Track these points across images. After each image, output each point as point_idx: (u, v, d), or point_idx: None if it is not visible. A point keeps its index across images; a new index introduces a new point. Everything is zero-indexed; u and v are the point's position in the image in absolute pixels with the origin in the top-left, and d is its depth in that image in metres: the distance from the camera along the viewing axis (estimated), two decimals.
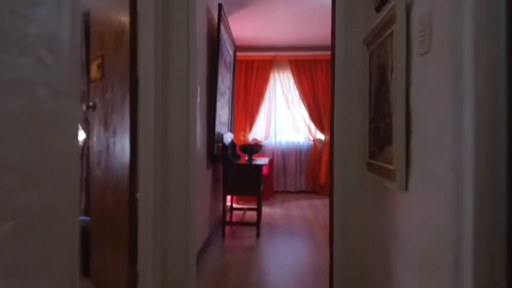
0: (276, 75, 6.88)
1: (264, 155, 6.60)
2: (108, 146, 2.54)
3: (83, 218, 2.98)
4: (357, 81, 2.59)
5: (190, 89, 2.50)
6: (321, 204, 5.87)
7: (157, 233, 2.35)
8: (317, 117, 6.70)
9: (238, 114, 6.77)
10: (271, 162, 6.17)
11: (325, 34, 6.73)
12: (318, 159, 6.75)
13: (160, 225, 2.38)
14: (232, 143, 4.68)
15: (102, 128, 2.62)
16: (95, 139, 2.81)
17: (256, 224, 4.04)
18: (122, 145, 2.33)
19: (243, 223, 4.45)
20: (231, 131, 5.00)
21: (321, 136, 6.79)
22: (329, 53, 6.28)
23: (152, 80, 2.32)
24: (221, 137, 4.09)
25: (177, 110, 2.45)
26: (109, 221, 2.55)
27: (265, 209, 5.40)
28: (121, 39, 2.38)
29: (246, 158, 4.39)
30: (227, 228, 4.14)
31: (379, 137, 1.86)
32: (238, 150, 4.52)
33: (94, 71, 2.84)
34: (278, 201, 6.04)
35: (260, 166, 4.05)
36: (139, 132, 2.27)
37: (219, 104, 4.14)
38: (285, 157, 6.84)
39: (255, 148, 4.39)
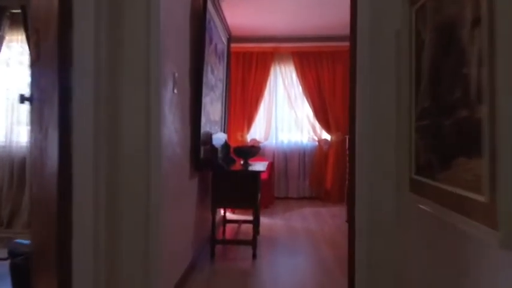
0: (277, 69, 6.14)
1: (263, 158, 5.86)
2: (41, 151, 1.81)
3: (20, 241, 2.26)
4: (389, 57, 1.83)
5: (152, 76, 1.77)
6: (327, 213, 5.13)
7: (100, 273, 1.62)
8: (322, 115, 5.96)
9: (235, 112, 6.03)
10: (271, 165, 5.44)
11: (331, 22, 6.03)
12: (323, 161, 6.01)
13: (106, 262, 1.66)
14: (226, 144, 3.95)
15: (37, 127, 1.89)
16: (32, 141, 2.08)
17: (252, 243, 3.30)
18: (52, 149, 1.60)
19: (236, 241, 3.71)
20: (224, 131, 4.28)
21: (326, 136, 6.05)
22: (336, 44, 5.52)
23: (91, 63, 1.59)
24: (209, 137, 3.36)
25: (134, 105, 1.72)
26: (42, 251, 1.83)
27: (264, 220, 4.67)
28: (50, 9, 1.65)
29: (242, 163, 3.67)
30: (218, 247, 3.40)
31: (441, 140, 1.13)
32: (233, 154, 3.79)
33: (32, 51, 2.12)
34: (279, 210, 5.31)
35: (257, 173, 3.32)
36: (73, 132, 1.55)
37: (207, 99, 3.41)
38: (287, 159, 6.10)
39: (252, 151, 3.66)
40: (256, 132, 6.09)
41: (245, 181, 3.27)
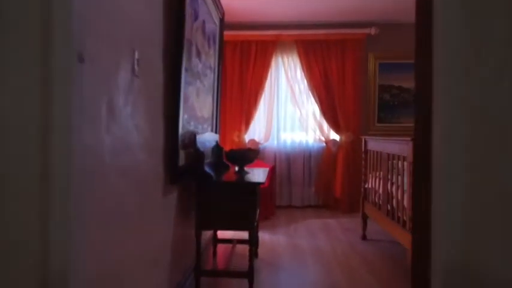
0: (279, 60, 5.35)
1: (263, 162, 5.08)
2: None
3: None
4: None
5: (56, 44, 0.98)
6: (337, 227, 4.34)
7: None
8: (331, 112, 5.17)
9: (231, 109, 5.25)
10: (272, 170, 4.66)
11: (342, 7, 5.22)
12: (331, 165, 5.23)
13: None
14: (217, 147, 3.17)
15: None
16: None
17: (249, 275, 2.51)
18: None
19: (228, 273, 2.91)
20: (216, 131, 3.49)
21: (335, 136, 5.26)
22: (346, 31, 4.78)
23: None
24: (193, 138, 2.57)
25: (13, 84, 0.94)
26: None
27: (264, 236, 3.89)
28: None
29: (236, 170, 2.89)
30: (203, 279, 2.62)
31: None
32: (226, 159, 3.00)
33: None
34: (281, 222, 4.52)
35: (255, 185, 2.53)
36: None
37: (191, 89, 2.63)
38: (290, 163, 5.32)
39: (249, 155, 2.87)
40: (255, 132, 5.30)
41: (240, 195, 2.48)
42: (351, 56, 5.15)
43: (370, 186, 3.82)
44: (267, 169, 3.25)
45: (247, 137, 5.25)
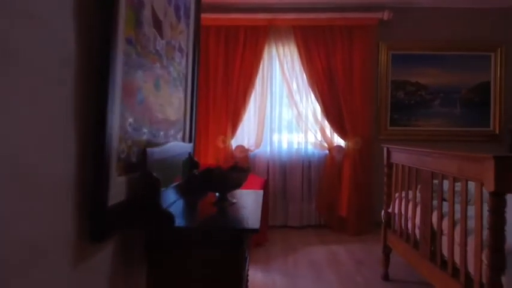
0: (273, 49, 4.36)
1: (253, 173, 4.08)
2: None
3: None
4: None
5: None
6: (348, 258, 3.35)
7: None
8: (335, 113, 4.20)
9: (214, 108, 4.23)
10: (264, 184, 3.66)
11: None
12: (335, 177, 4.25)
13: None
14: (191, 164, 2.17)
15: None
16: None
17: None
18: None
19: None
20: (190, 140, 2.48)
21: (340, 142, 4.29)
22: (354, 15, 3.84)
23: None
24: (142, 155, 1.54)
25: None
26: None
27: (254, 275, 2.89)
28: None
29: (216, 200, 1.88)
30: None
31: None
32: (198, 184, 1.98)
33: None
34: (277, 251, 3.52)
35: (245, 234, 1.52)
36: None
37: (140, 76, 1.61)
38: (287, 173, 4.32)
39: (233, 178, 1.85)
40: (245, 137, 4.29)
41: (217, 251, 1.48)
42: (359, 45, 4.18)
43: (396, 210, 2.86)
44: (261, 193, 2.24)
45: (234, 143, 4.24)
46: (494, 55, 4.32)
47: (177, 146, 2.09)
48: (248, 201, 2.04)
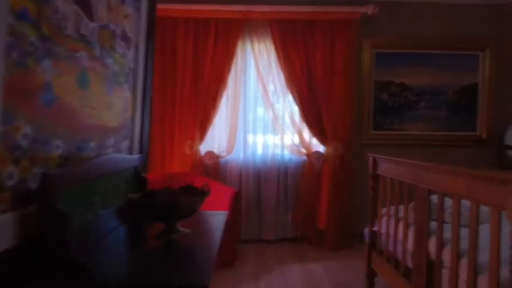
0: (248, 45, 3.92)
1: (223, 183, 3.64)
2: None
3: None
4: None
5: None
6: (327, 280, 2.94)
7: None
8: (314, 116, 3.81)
9: (181, 110, 3.76)
10: (236, 195, 3.22)
11: None
12: (314, 185, 3.85)
13: None
14: (136, 181, 1.72)
15: None
16: None
17: None
18: None
19: None
20: (140, 149, 2.02)
21: (320, 148, 3.90)
22: (337, 9, 3.46)
23: None
24: (44, 184, 1.09)
25: None
26: None
27: None
28: None
29: (160, 235, 1.43)
30: None
31: None
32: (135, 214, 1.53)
33: None
34: (248, 272, 3.08)
35: None
36: None
37: (48, 67, 1.15)
38: (261, 182, 3.89)
39: (184, 205, 1.41)
40: (215, 142, 3.84)
41: None
42: (341, 42, 3.80)
43: (382, 230, 2.48)
44: (223, 215, 1.80)
45: (203, 148, 3.78)
46: (483, 55, 4.02)
47: (116, 159, 1.63)
48: (206, 228, 1.61)
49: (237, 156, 3.84)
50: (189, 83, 3.75)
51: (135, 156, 1.84)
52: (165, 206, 1.33)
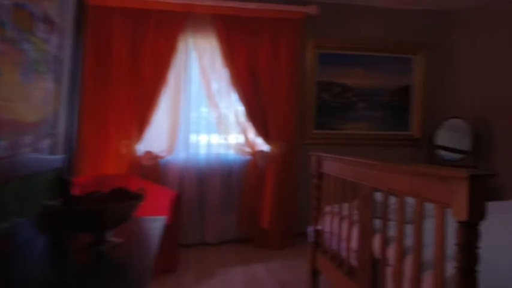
0: (190, 41, 3.75)
1: (163, 185, 3.44)
2: None
3: None
4: None
5: None
6: (270, 282, 2.88)
7: None
8: (259, 115, 3.74)
9: (117, 106, 3.49)
10: (175, 197, 3.04)
11: None
12: (258, 184, 3.79)
13: None
14: (63, 184, 1.50)
15: None
16: None
17: None
18: None
19: None
20: (71, 149, 1.78)
21: (265, 147, 3.84)
22: (283, 7, 3.42)
23: None
24: None
25: None
26: None
27: None
28: None
29: (88, 245, 1.24)
30: None
31: None
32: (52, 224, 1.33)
33: None
34: (188, 278, 2.91)
35: None
36: None
37: None
38: (203, 183, 3.74)
39: (113, 213, 1.23)
40: (154, 141, 3.60)
41: None
42: (285, 41, 3.77)
43: (326, 228, 2.46)
44: (162, 221, 1.64)
45: (141, 148, 3.54)
46: (416, 58, 4.24)
47: (34, 160, 1.40)
48: (143, 236, 1.44)
49: (178, 156, 3.65)
50: (126, 78, 3.48)
51: (59, 157, 1.61)
52: (89, 214, 1.15)
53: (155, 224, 1.56)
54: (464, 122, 3.94)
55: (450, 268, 1.28)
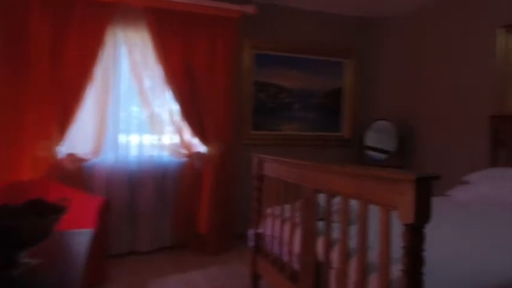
0: (120, 34, 3.46)
1: (89, 193, 3.13)
2: None
3: None
4: None
5: None
6: (209, 287, 2.77)
7: None
8: (195, 114, 3.56)
9: (33, 103, 3.08)
10: (103, 205, 2.76)
11: None
12: (195, 187, 3.62)
13: None
14: None
15: None
16: None
17: None
18: None
19: None
20: None
21: (201, 148, 3.68)
22: (219, 4, 3.32)
23: None
24: None
25: None
26: None
27: None
28: None
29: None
30: None
31: None
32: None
33: None
34: None
35: None
36: None
37: None
38: (135, 187, 3.47)
39: (28, 231, 1.02)
40: (78, 142, 3.25)
41: None
42: (222, 39, 3.66)
43: (267, 231, 2.40)
44: (89, 233, 1.43)
45: (63, 150, 3.17)
46: (346, 62, 4.40)
47: None
48: (65, 254, 1.24)
49: (105, 159, 3.35)
50: (46, 72, 3.09)
51: None
52: None
53: (80, 238, 1.35)
54: (390, 124, 4.17)
55: (396, 271, 1.28)
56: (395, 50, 4.41)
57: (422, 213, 1.17)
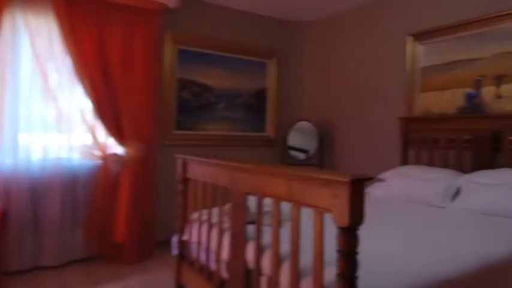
0: (19, 20, 3.00)
1: None
2: None
3: None
4: None
5: None
6: None
7: None
8: (110, 112, 3.24)
9: None
10: (0, 216, 2.34)
11: None
12: (110, 193, 3.29)
13: None
14: None
15: None
16: None
17: None
18: None
19: None
20: None
21: (118, 149, 3.37)
22: None
23: None
24: None
25: None
26: None
27: None
28: None
29: None
30: None
31: None
32: None
33: None
34: None
35: None
36: None
37: None
38: (38, 195, 3.02)
39: None
40: None
41: None
42: (141, 32, 3.39)
43: (193, 238, 2.24)
44: None
45: None
46: (270, 63, 4.41)
47: None
48: None
49: (2, 163, 2.87)
50: None
51: None
52: None
53: None
54: (311, 124, 4.28)
55: (330, 275, 1.24)
56: (316, 53, 4.55)
57: (356, 215, 1.15)
